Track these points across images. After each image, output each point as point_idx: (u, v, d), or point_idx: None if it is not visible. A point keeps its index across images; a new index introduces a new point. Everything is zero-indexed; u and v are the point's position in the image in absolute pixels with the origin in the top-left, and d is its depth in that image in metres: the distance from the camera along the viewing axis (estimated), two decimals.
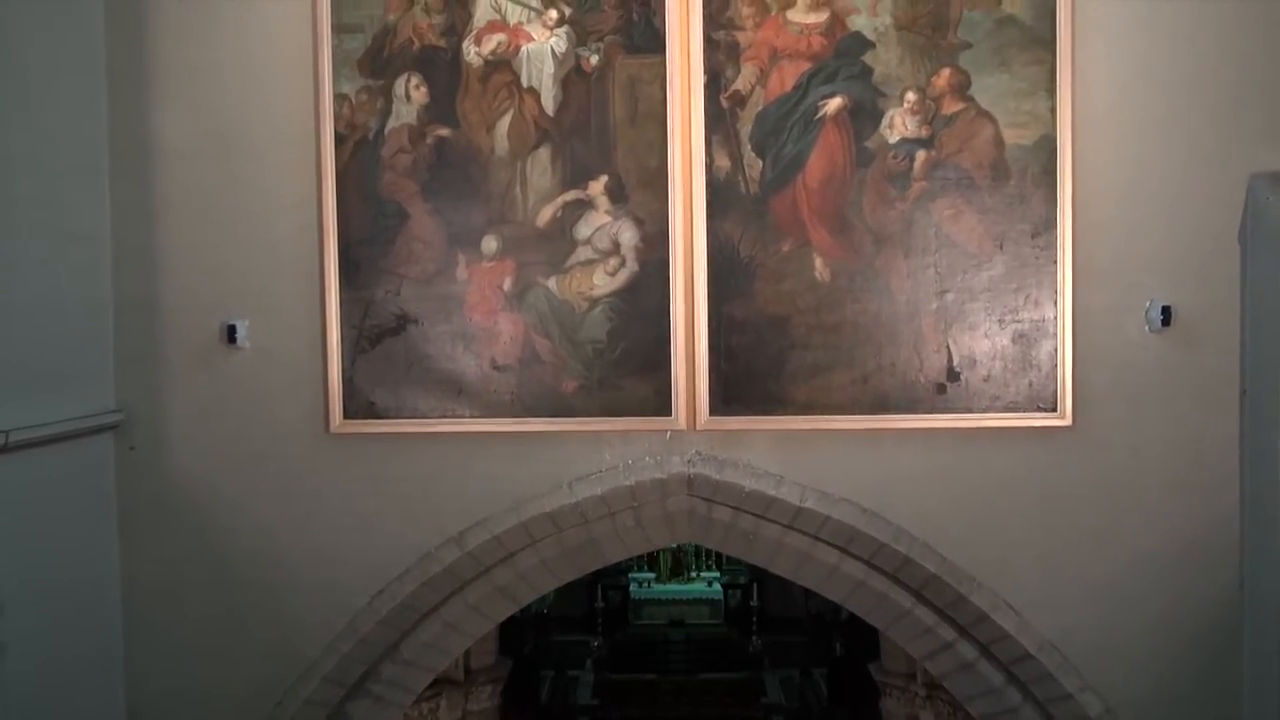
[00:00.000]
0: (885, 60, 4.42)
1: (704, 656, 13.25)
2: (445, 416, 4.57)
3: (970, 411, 4.44)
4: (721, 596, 14.25)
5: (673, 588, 14.41)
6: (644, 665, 13.07)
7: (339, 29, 4.53)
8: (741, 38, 4.45)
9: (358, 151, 4.56)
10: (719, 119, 4.46)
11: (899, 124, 4.43)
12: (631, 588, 14.31)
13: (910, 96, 4.41)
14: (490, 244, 4.56)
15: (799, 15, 4.44)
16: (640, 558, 13.47)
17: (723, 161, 4.47)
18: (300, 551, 4.67)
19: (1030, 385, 4.42)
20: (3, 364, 4.01)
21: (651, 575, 14.46)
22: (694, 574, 14.56)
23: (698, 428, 4.52)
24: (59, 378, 4.37)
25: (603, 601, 13.47)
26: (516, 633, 9.93)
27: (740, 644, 13.34)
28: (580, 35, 4.50)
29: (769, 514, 4.60)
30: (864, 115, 4.44)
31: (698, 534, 4.85)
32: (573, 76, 4.51)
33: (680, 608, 14.24)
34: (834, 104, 4.44)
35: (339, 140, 4.55)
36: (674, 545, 4.42)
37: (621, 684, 12.56)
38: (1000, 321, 4.42)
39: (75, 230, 4.50)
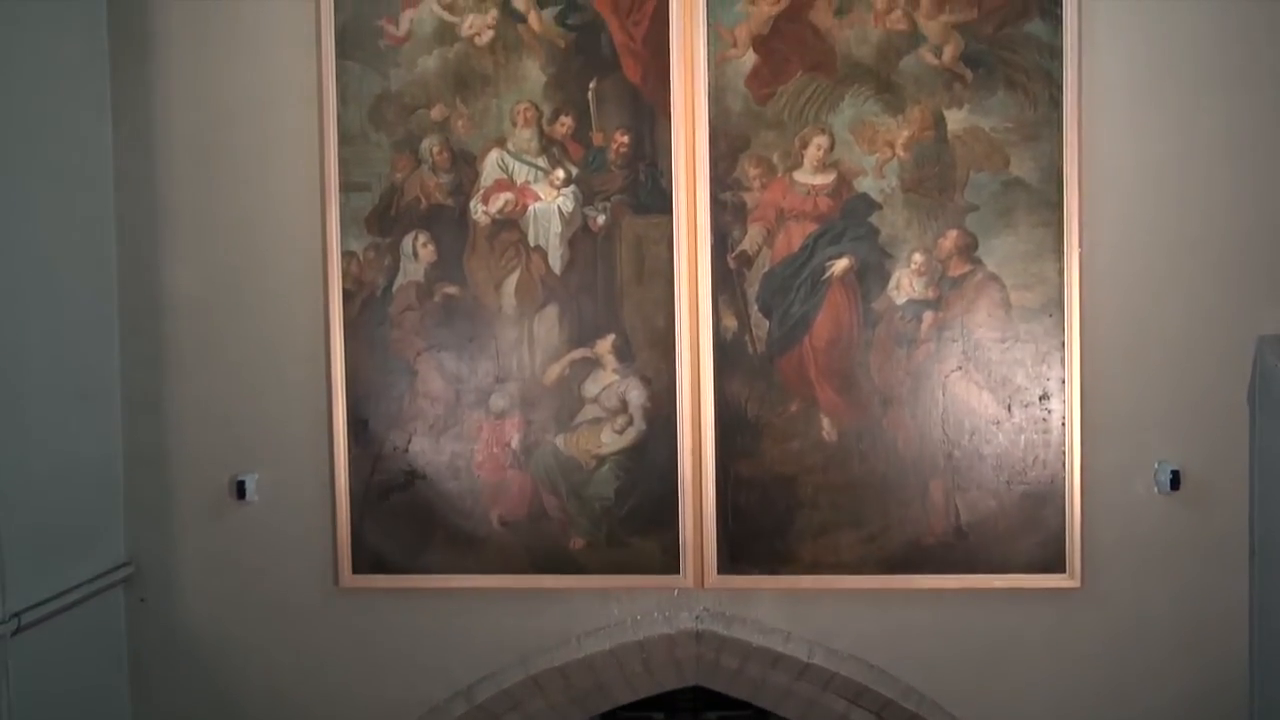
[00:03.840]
0: (892, 222, 4.40)
1: (710, 694, 13.20)
2: (453, 572, 4.57)
3: (978, 571, 4.42)
4: None
5: None
6: (651, 703, 13.02)
7: (347, 187, 4.53)
8: (748, 198, 4.44)
9: (365, 308, 4.57)
10: (726, 279, 4.46)
11: (906, 285, 4.42)
12: None
13: (917, 258, 4.40)
14: (498, 401, 4.56)
15: (806, 176, 4.43)
16: None
17: (730, 321, 4.47)
18: (310, 702, 4.68)
19: (1038, 545, 4.40)
20: (15, 536, 3.98)
21: None
22: None
23: (705, 585, 4.52)
24: (70, 538, 4.36)
25: None
26: None
27: None
28: (587, 195, 4.50)
29: (776, 668, 4.61)
30: (871, 276, 4.42)
31: (705, 677, 4.86)
32: (580, 235, 4.51)
33: None
34: (840, 265, 4.44)
35: (347, 296, 4.56)
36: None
37: None
38: (1008, 482, 4.41)
39: (86, 387, 4.51)
